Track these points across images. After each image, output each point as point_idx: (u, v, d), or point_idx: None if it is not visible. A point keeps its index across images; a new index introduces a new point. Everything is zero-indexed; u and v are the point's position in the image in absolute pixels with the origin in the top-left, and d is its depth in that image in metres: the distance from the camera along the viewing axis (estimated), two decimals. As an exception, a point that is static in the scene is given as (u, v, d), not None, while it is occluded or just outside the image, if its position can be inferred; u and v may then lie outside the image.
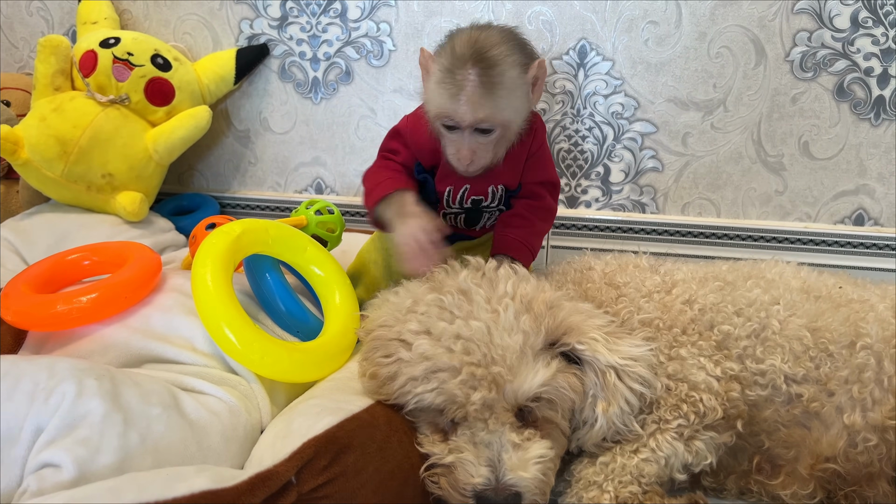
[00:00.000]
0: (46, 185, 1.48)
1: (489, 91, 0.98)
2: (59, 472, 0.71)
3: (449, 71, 0.98)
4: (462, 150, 1.03)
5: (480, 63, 0.96)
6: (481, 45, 0.97)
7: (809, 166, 1.51)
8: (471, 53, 0.96)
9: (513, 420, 0.86)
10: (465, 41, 0.98)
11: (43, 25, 1.80)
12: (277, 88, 1.70)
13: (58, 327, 0.95)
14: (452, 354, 0.85)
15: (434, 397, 0.85)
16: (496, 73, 0.97)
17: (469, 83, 0.97)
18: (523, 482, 0.82)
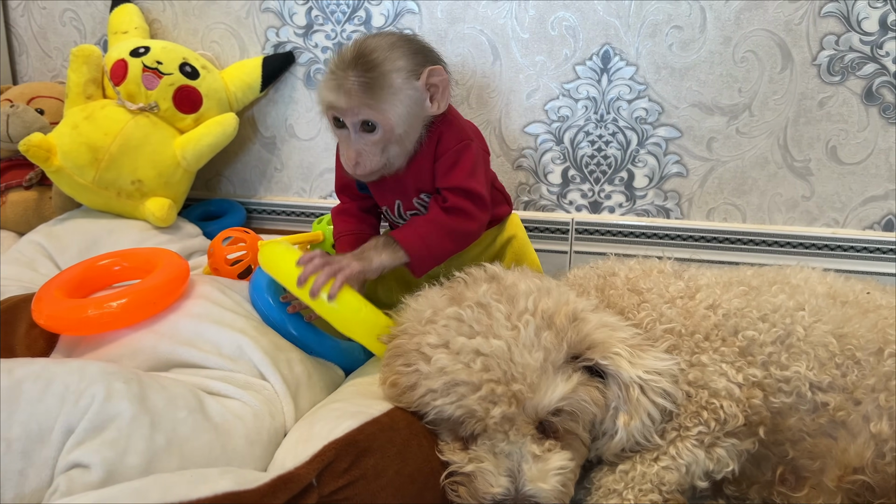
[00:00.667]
0: (78, 192, 1.52)
1: (367, 87, 1.03)
2: (87, 472, 0.73)
3: (332, 71, 1.05)
4: (349, 150, 1.08)
5: (360, 60, 1.04)
6: (363, 49, 1.05)
7: (837, 171, 1.49)
8: (352, 57, 1.04)
9: (533, 432, 0.85)
10: (352, 45, 1.07)
11: (76, 35, 1.84)
12: (303, 95, 1.72)
13: (88, 331, 0.97)
14: (471, 371, 0.85)
15: (454, 410, 0.85)
16: (378, 73, 1.03)
17: (350, 78, 1.03)
18: (543, 493, 0.82)
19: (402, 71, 1.05)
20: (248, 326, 1.00)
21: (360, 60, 1.04)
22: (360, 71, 1.03)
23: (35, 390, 0.79)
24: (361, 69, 1.03)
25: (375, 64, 1.04)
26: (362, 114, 1.04)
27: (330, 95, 1.05)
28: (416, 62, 1.07)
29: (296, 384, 0.97)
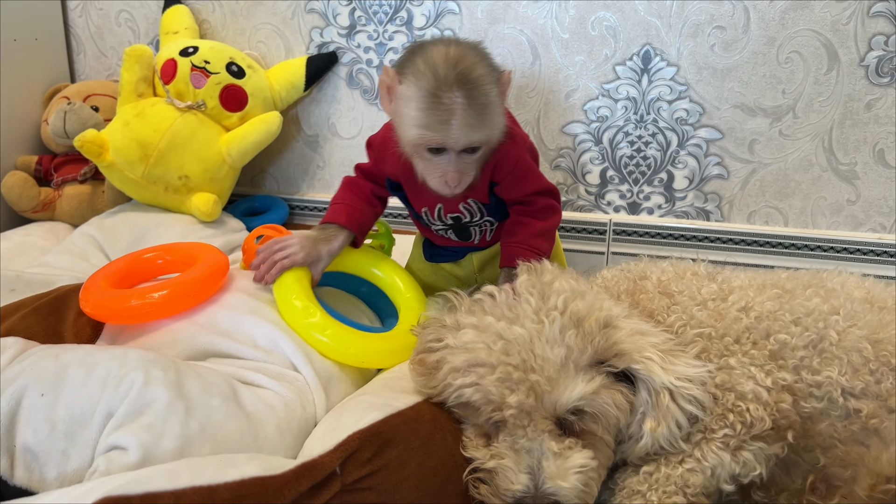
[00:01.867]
0: (128, 186, 1.58)
1: (479, 112, 0.96)
2: (125, 454, 0.76)
3: (434, 95, 0.94)
4: (450, 172, 1.01)
5: (467, 85, 0.95)
6: (465, 67, 0.95)
7: (884, 175, 1.45)
8: (455, 75, 0.94)
9: (552, 428, 0.85)
10: (442, 61, 0.95)
11: (130, 35, 1.91)
12: (345, 95, 1.75)
13: (131, 320, 1.02)
14: (491, 351, 0.86)
15: (472, 393, 0.86)
16: (482, 93, 0.96)
17: (458, 106, 0.95)
18: (563, 491, 0.82)
19: (494, 81, 0.99)
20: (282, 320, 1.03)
21: (463, 81, 0.94)
22: (467, 92, 0.95)
23: (79, 375, 0.83)
24: (468, 91, 0.95)
25: (480, 83, 0.96)
26: (472, 139, 0.98)
27: (437, 129, 0.96)
28: (495, 70, 1.01)
29: (327, 376, 1.00)
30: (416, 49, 1.00)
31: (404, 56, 1.02)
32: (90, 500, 0.63)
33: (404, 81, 0.98)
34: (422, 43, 1.01)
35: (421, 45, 1.00)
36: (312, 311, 1.02)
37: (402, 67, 1.00)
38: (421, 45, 1.00)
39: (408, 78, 0.98)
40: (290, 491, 0.69)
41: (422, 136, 0.98)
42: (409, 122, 0.98)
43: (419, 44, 1.01)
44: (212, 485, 0.66)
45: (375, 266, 1.20)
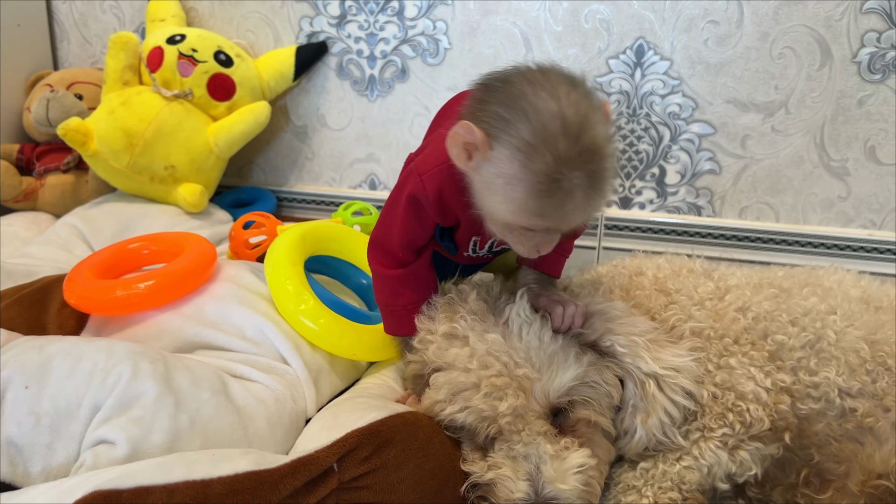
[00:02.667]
0: (113, 176, 1.55)
1: (601, 190, 0.76)
2: (113, 448, 0.74)
3: (552, 180, 0.73)
4: (544, 245, 0.83)
5: (592, 163, 0.74)
6: (589, 138, 0.73)
7: (875, 171, 1.45)
8: (579, 152, 0.73)
9: (548, 428, 0.84)
10: (561, 131, 0.73)
11: (115, 23, 1.87)
12: (335, 85, 1.73)
13: (117, 312, 0.99)
14: (469, 373, 0.84)
15: (464, 417, 0.85)
16: (607, 165, 0.75)
17: (579, 189, 0.74)
18: (564, 494, 0.80)
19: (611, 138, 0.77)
20: (271, 310, 1.01)
21: (588, 158, 0.73)
22: (591, 171, 0.74)
23: (65, 367, 0.81)
24: (592, 169, 0.74)
25: (604, 154, 0.75)
26: (586, 219, 0.80)
27: (549, 217, 0.77)
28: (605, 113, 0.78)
29: (317, 369, 0.98)
30: (512, 97, 0.76)
31: (493, 103, 0.77)
32: (79, 494, 0.61)
33: (501, 149, 0.75)
34: (519, 87, 0.76)
35: (520, 92, 0.75)
36: (305, 296, 0.99)
37: (495, 127, 0.75)
38: (520, 92, 0.75)
39: (507, 148, 0.74)
40: (286, 486, 0.67)
41: (527, 221, 0.78)
42: (509, 203, 0.76)
43: (514, 87, 0.76)
44: (205, 479, 0.65)
45: None
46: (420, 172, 0.89)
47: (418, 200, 0.90)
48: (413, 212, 0.91)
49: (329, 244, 1.16)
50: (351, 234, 1.19)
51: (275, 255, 1.03)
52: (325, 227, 1.16)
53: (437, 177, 0.87)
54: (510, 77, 0.78)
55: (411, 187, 0.89)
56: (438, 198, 0.88)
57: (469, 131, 0.76)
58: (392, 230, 0.94)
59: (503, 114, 0.75)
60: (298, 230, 1.09)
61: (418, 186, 0.89)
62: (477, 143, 0.76)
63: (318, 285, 1.08)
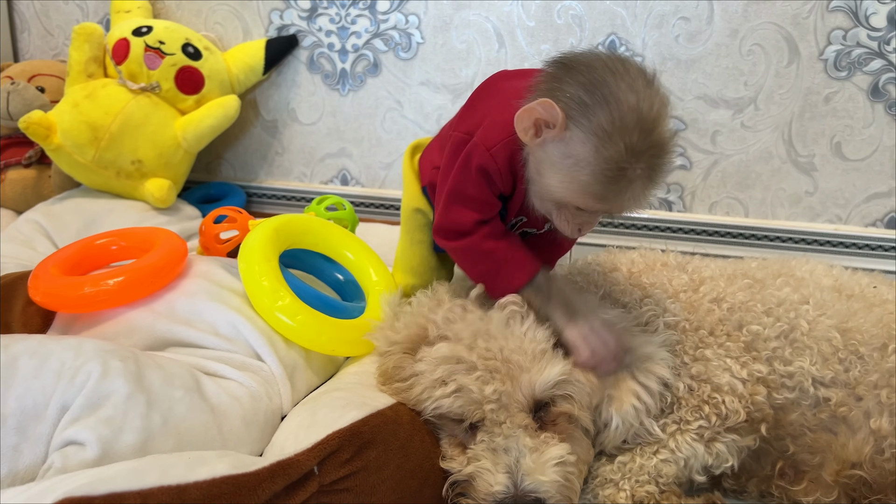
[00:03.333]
0: (77, 171, 1.51)
1: (656, 183, 0.83)
2: (82, 450, 0.72)
3: (620, 168, 0.79)
4: (587, 226, 0.89)
5: (657, 157, 0.80)
6: (659, 133, 0.79)
7: (841, 167, 1.48)
8: (649, 145, 0.79)
9: (529, 422, 0.84)
10: (636, 123, 0.78)
11: (78, 14, 1.82)
12: (306, 79, 1.71)
13: (85, 309, 0.96)
14: (471, 351, 0.85)
15: (451, 402, 0.85)
16: (669, 160, 0.83)
17: (640, 179, 0.80)
18: (543, 487, 0.80)
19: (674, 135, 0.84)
20: (244, 305, 0.99)
21: (655, 152, 0.80)
22: (655, 164, 0.80)
23: (31, 366, 0.78)
24: (656, 162, 0.81)
25: (669, 150, 0.82)
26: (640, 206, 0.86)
27: (609, 200, 0.83)
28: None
29: (293, 366, 0.97)
30: (594, 83, 0.79)
31: (574, 84, 0.80)
32: (49, 500, 0.59)
33: (576, 131, 0.80)
34: (601, 74, 0.79)
35: (602, 79, 0.79)
36: (282, 293, 0.97)
37: (575, 110, 0.79)
38: (602, 79, 0.79)
39: (584, 131, 0.79)
40: (265, 490, 0.66)
41: (584, 202, 0.84)
42: (572, 182, 0.82)
43: (597, 73, 0.80)
44: (181, 484, 0.63)
45: (348, 249, 1.16)
46: (488, 146, 0.90)
47: (488, 173, 0.91)
48: (485, 183, 0.92)
49: (303, 237, 1.14)
50: (326, 226, 1.17)
51: (248, 251, 1.01)
52: (299, 220, 1.14)
53: (505, 148, 0.90)
54: (591, 62, 0.81)
55: (479, 160, 0.91)
56: (510, 169, 0.91)
57: (549, 109, 0.80)
58: (464, 209, 0.94)
59: (584, 98, 0.79)
60: (272, 224, 1.07)
61: (488, 160, 0.90)
62: (555, 121, 0.80)
63: (293, 277, 1.06)
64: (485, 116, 0.94)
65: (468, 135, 0.94)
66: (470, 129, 0.95)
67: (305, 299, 1.00)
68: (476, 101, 1.01)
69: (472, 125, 0.95)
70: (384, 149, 1.70)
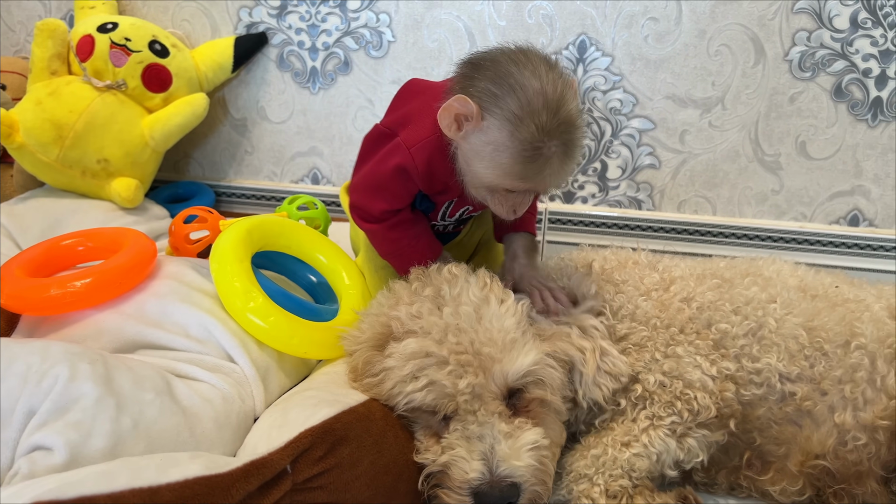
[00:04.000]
0: (41, 170, 1.47)
1: (574, 157, 0.90)
2: (50, 455, 0.71)
3: (535, 148, 0.86)
4: (520, 206, 0.96)
5: (568, 133, 0.87)
6: (566, 111, 0.87)
7: (806, 166, 1.51)
8: (558, 124, 0.86)
9: (503, 409, 0.85)
10: (543, 105, 0.85)
11: (40, 9, 1.79)
12: (275, 77, 1.69)
13: (51, 311, 0.94)
14: (441, 345, 0.85)
15: (423, 396, 0.85)
16: (580, 136, 0.90)
17: (556, 156, 0.87)
18: (518, 472, 0.82)
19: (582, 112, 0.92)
20: (216, 307, 0.98)
21: (565, 129, 0.87)
22: (567, 139, 0.87)
23: (-5, 370, 0.76)
24: (568, 138, 0.88)
25: (578, 126, 0.89)
26: (560, 182, 0.94)
27: (530, 179, 0.90)
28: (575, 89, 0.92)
29: (265, 367, 0.96)
30: (500, 75, 0.87)
31: (483, 79, 0.88)
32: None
33: (491, 120, 0.87)
34: (505, 66, 0.88)
35: (507, 71, 0.87)
36: (254, 294, 0.96)
37: (487, 101, 0.87)
38: (507, 71, 0.87)
39: (498, 119, 0.87)
40: (238, 490, 0.65)
41: (511, 184, 0.91)
42: (496, 167, 0.89)
43: (501, 66, 0.88)
44: (153, 486, 0.62)
45: (321, 252, 1.16)
46: (408, 145, 0.97)
47: (406, 171, 0.97)
48: (400, 181, 0.99)
49: (276, 239, 1.13)
50: (299, 228, 1.16)
51: (220, 252, 1.00)
52: (271, 221, 1.13)
53: (425, 148, 0.96)
54: (496, 57, 0.90)
55: (399, 159, 0.97)
56: (427, 168, 0.97)
57: (464, 104, 0.87)
58: (374, 198, 1.02)
59: (493, 90, 0.87)
60: (244, 225, 1.06)
61: (407, 159, 0.97)
62: (471, 114, 0.87)
63: (265, 279, 1.05)
64: (407, 116, 1.00)
65: (388, 129, 1.01)
66: (390, 125, 1.02)
67: (278, 301, 0.99)
68: (398, 102, 1.07)
69: (393, 122, 1.02)
70: (355, 147, 1.67)
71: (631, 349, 0.97)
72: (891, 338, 0.94)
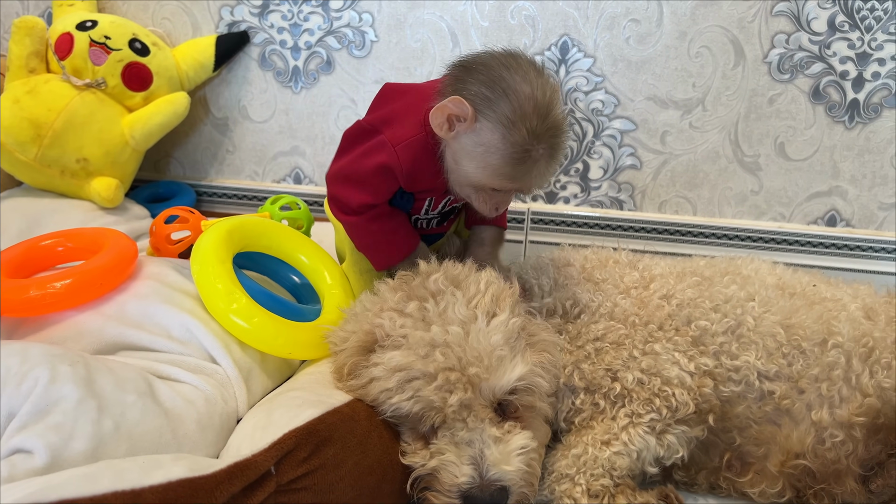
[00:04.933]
0: (19, 169, 1.46)
1: (557, 160, 0.96)
2: (30, 458, 0.70)
3: (524, 150, 0.91)
4: (503, 204, 1.01)
5: (555, 137, 0.93)
6: (554, 117, 0.92)
7: (785, 167, 1.53)
8: (546, 128, 0.91)
9: (492, 415, 0.86)
10: (533, 110, 0.90)
11: (17, 6, 1.76)
12: (257, 76, 1.68)
13: (30, 313, 0.93)
14: (427, 361, 0.84)
15: (411, 406, 0.85)
16: (565, 140, 0.95)
17: (543, 158, 0.93)
18: (508, 476, 0.82)
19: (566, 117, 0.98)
20: (198, 308, 0.97)
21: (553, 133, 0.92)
22: (554, 143, 0.93)
23: (-27, 373, 0.75)
24: (555, 142, 0.93)
25: (564, 130, 0.95)
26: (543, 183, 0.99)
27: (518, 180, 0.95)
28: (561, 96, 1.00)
29: (248, 368, 0.96)
30: (493, 79, 0.91)
31: (476, 83, 0.92)
32: (-4, 510, 0.57)
33: (485, 122, 0.92)
34: (498, 71, 0.92)
35: (499, 76, 0.91)
36: (237, 295, 0.96)
37: (480, 104, 0.91)
38: (499, 76, 0.91)
39: (491, 122, 0.91)
40: (222, 492, 0.65)
41: (499, 184, 0.96)
42: (486, 168, 0.94)
43: (494, 71, 0.92)
44: (135, 489, 0.62)
45: (303, 252, 1.15)
46: (394, 143, 0.99)
47: (390, 169, 1.00)
48: (382, 178, 1.01)
49: (258, 240, 1.12)
50: (280, 229, 1.16)
51: (201, 253, 0.99)
52: (253, 222, 1.13)
53: (411, 147, 0.99)
54: (487, 61, 0.94)
55: (384, 157, 0.99)
56: (412, 166, 1.00)
57: (459, 105, 0.91)
58: (353, 191, 1.03)
59: (487, 93, 0.91)
60: (225, 225, 1.06)
61: (392, 157, 0.99)
62: (465, 115, 0.91)
63: (248, 280, 1.05)
64: (391, 114, 1.03)
65: (371, 126, 1.03)
66: (373, 122, 1.03)
67: (261, 301, 0.99)
68: (380, 102, 1.09)
69: (376, 119, 1.04)
70: (338, 147, 1.69)
71: (608, 348, 0.98)
72: (866, 337, 0.96)
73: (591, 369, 0.97)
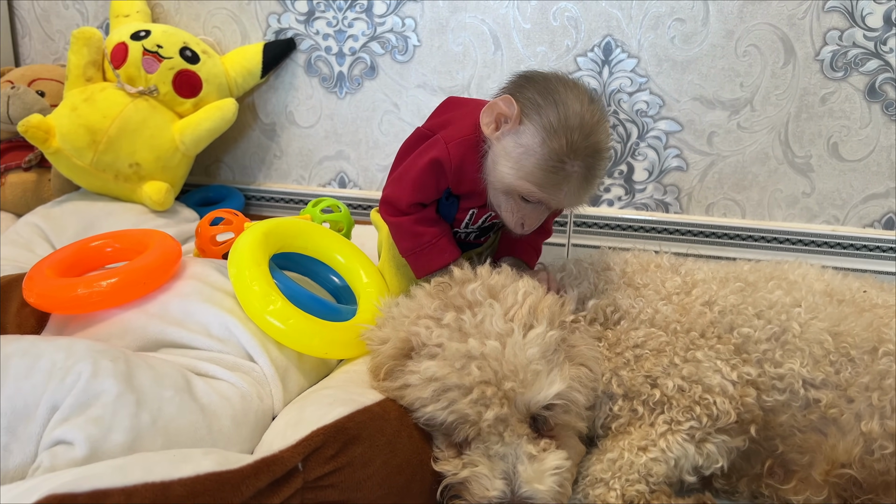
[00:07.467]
0: (76, 174, 1.52)
1: (592, 184, 0.97)
2: (71, 449, 0.73)
3: (560, 161, 0.93)
4: (529, 220, 1.01)
5: (593, 158, 0.94)
6: (597, 139, 0.93)
7: (838, 168, 1.48)
8: (586, 147, 0.93)
9: (528, 431, 0.85)
10: (578, 125, 0.92)
11: (78, 18, 1.84)
12: (303, 82, 1.71)
13: (78, 310, 0.97)
14: (462, 374, 0.83)
15: (445, 416, 0.84)
16: (602, 167, 0.97)
17: (576, 176, 0.94)
18: (540, 494, 0.81)
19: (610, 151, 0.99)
20: (237, 307, 0.99)
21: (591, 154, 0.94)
22: (590, 164, 0.94)
23: (22, 366, 0.79)
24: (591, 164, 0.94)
25: (603, 157, 0.96)
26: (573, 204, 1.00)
27: (548, 190, 0.95)
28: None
29: (284, 367, 0.97)
30: (548, 90, 0.95)
31: (531, 90, 0.96)
32: (34, 498, 0.59)
33: (529, 125, 0.94)
34: (555, 85, 0.95)
35: (555, 88, 0.94)
36: (273, 297, 0.98)
37: (529, 108, 0.95)
38: (555, 88, 0.94)
39: (535, 126, 0.94)
40: (248, 487, 0.66)
41: (528, 190, 0.96)
42: (519, 170, 0.95)
43: (551, 83, 0.95)
44: (165, 481, 0.63)
45: (339, 252, 1.17)
46: (446, 141, 1.02)
47: (441, 165, 1.02)
48: (432, 174, 1.03)
49: (294, 240, 1.14)
50: (317, 230, 1.17)
51: (238, 255, 1.01)
52: (289, 223, 1.14)
53: (462, 146, 1.02)
54: (548, 76, 0.98)
55: (436, 153, 1.02)
56: (460, 163, 1.02)
57: (508, 104, 0.95)
58: (405, 189, 1.05)
59: (538, 100, 0.94)
60: (261, 228, 1.08)
61: (443, 152, 1.02)
62: (511, 114, 0.95)
63: (286, 279, 1.06)
64: (449, 120, 1.06)
65: (430, 131, 1.07)
66: (432, 127, 1.07)
67: (298, 301, 1.01)
68: (440, 111, 1.13)
69: (435, 125, 1.08)
70: (381, 151, 1.71)
71: (648, 355, 0.96)
72: (920, 344, 0.92)
73: (630, 376, 0.95)
